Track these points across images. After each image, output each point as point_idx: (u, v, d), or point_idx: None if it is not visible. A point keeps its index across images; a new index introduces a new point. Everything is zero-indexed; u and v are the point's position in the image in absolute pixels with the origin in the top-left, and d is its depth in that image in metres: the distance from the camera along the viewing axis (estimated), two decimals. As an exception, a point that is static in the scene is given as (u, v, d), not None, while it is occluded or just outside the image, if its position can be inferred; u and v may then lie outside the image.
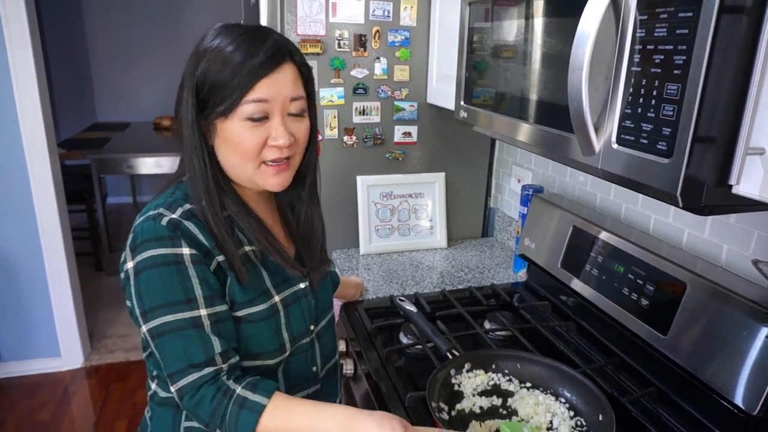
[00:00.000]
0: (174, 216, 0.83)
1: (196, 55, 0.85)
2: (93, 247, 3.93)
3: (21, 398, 2.64)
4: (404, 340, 1.29)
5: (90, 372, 2.86)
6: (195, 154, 0.85)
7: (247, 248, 0.91)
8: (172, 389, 0.83)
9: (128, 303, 0.89)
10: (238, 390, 0.82)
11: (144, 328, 0.83)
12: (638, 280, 1.16)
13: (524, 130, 1.05)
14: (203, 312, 0.82)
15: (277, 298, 0.93)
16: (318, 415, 0.82)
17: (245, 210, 0.92)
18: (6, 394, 2.66)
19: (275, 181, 0.89)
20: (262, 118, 0.84)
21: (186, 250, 0.82)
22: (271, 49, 0.82)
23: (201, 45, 0.86)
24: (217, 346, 0.82)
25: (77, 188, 3.69)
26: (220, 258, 0.86)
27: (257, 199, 0.97)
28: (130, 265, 0.83)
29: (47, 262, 2.69)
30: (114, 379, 2.81)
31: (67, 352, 2.86)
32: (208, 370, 0.81)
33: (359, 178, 1.82)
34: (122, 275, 0.86)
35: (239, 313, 0.88)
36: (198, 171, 0.86)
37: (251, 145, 0.84)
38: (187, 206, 0.86)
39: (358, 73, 1.73)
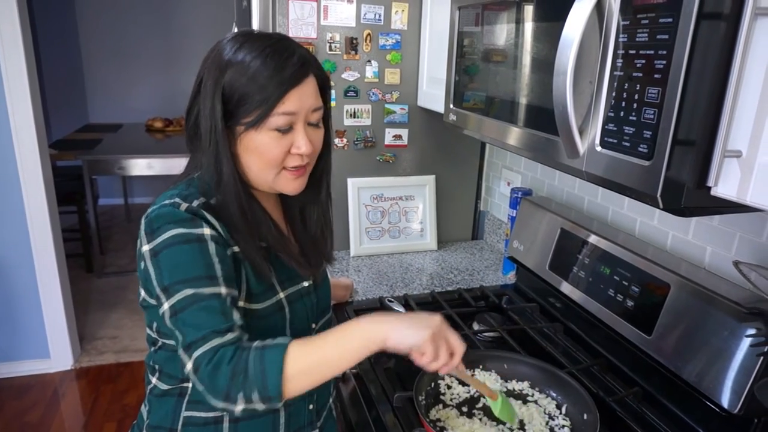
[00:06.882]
0: (192, 205, 0.85)
1: (218, 64, 0.86)
2: (84, 248, 3.91)
3: (10, 400, 2.62)
4: (393, 340, 1.30)
5: (80, 373, 2.85)
6: (225, 160, 0.87)
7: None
8: (189, 366, 0.78)
9: (141, 292, 0.89)
10: (256, 343, 0.80)
11: (166, 305, 0.81)
12: (624, 282, 1.17)
13: (512, 134, 1.07)
14: (223, 290, 0.81)
15: (281, 295, 0.94)
16: (344, 327, 0.82)
17: (265, 215, 0.94)
18: (-6, 396, 2.65)
19: (294, 185, 0.93)
20: (288, 130, 0.87)
21: (207, 230, 0.83)
22: (297, 63, 0.86)
23: (223, 54, 0.86)
24: (237, 318, 0.81)
25: (69, 189, 3.67)
26: (235, 249, 0.87)
27: (266, 199, 0.99)
28: (147, 247, 0.82)
29: (37, 263, 2.67)
30: (104, 380, 2.79)
31: (57, 353, 2.84)
32: (229, 335, 0.79)
33: (350, 181, 1.83)
34: (139, 259, 0.85)
35: (253, 306, 0.89)
36: (228, 176, 0.87)
37: (276, 154, 0.87)
38: (203, 199, 0.87)
39: (349, 76, 1.74)
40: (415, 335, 0.81)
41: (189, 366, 0.78)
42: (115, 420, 2.51)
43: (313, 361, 0.79)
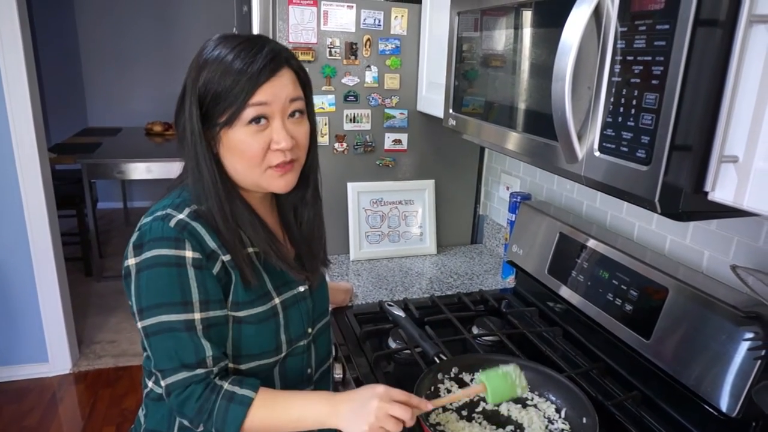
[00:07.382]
0: (182, 216, 0.85)
1: (196, 66, 0.87)
2: (83, 252, 3.91)
3: (8, 404, 2.62)
4: (393, 345, 1.30)
5: (78, 377, 2.84)
6: (204, 163, 0.87)
7: (250, 250, 0.93)
8: (162, 384, 0.85)
9: (129, 300, 0.91)
10: (226, 386, 0.84)
11: (139, 325, 0.86)
12: (622, 286, 1.18)
13: (512, 139, 1.07)
14: (197, 316, 0.84)
15: (277, 301, 0.95)
16: (303, 405, 0.87)
17: (252, 216, 0.93)
18: (-8, 400, 2.64)
19: (281, 182, 0.91)
20: (262, 120, 0.85)
21: (189, 254, 0.84)
22: (268, 56, 0.85)
23: (201, 56, 0.87)
24: (207, 350, 0.85)
25: (68, 193, 3.67)
26: (226, 258, 0.87)
27: (260, 203, 0.99)
28: (132, 261, 0.85)
29: (36, 266, 2.67)
30: (102, 384, 2.79)
31: (56, 357, 2.84)
32: (199, 371, 0.84)
33: (350, 185, 1.84)
34: (123, 272, 0.88)
35: (240, 314, 0.90)
36: (208, 180, 0.87)
37: (255, 151, 0.86)
38: (194, 207, 0.88)
39: (349, 80, 1.75)
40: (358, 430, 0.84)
41: (162, 385, 0.86)
42: (114, 424, 2.51)
43: (270, 423, 0.86)
